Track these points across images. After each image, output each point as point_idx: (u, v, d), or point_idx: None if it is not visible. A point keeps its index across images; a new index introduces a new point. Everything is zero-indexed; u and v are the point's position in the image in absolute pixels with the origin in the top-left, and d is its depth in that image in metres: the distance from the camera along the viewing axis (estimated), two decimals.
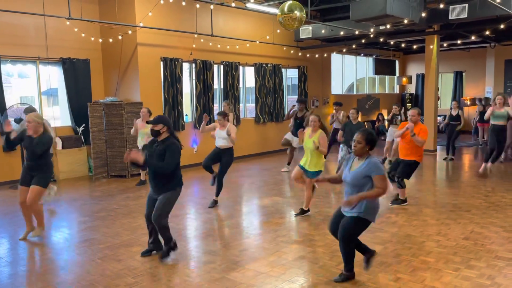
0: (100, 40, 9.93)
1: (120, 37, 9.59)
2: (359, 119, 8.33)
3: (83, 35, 9.41)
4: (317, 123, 5.94)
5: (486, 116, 8.61)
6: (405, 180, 6.49)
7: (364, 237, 5.00)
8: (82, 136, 9.67)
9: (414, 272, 4.07)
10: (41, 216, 5.35)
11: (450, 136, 10.58)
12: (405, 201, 6.56)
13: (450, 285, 3.78)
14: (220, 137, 6.59)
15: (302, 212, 6.09)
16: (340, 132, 8.19)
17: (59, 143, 9.31)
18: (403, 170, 6.35)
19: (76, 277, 4.17)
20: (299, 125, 8.89)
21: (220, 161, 6.64)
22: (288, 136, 9.45)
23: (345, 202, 3.58)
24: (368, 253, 3.89)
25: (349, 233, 3.65)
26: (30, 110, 7.61)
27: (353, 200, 3.51)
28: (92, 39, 9.71)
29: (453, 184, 8.02)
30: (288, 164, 9.78)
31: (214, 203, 6.73)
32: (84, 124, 9.58)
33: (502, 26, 9.95)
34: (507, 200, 6.63)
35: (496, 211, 6.06)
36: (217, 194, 6.74)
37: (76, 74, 9.66)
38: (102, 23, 9.56)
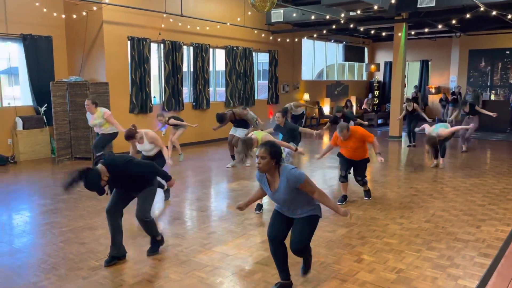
0: (63, 16, 9.51)
1: (84, 14, 9.21)
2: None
3: (44, 10, 8.97)
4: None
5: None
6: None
7: (331, 219, 5.09)
8: (44, 117, 9.30)
9: (378, 254, 4.16)
10: None
11: (409, 123, 10.81)
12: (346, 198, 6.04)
13: (411, 265, 3.90)
14: (143, 150, 5.76)
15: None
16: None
17: (19, 123, 8.92)
18: (363, 169, 5.99)
19: (36, 261, 4.03)
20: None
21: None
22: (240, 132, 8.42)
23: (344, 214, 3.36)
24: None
25: (309, 235, 3.39)
26: None
27: (346, 213, 3.36)
28: (55, 14, 9.28)
29: (416, 170, 8.25)
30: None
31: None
32: (46, 104, 9.21)
33: (468, 16, 10.21)
34: (467, 185, 6.88)
35: (456, 195, 6.28)
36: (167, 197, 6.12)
37: (38, 51, 9.24)
38: None
